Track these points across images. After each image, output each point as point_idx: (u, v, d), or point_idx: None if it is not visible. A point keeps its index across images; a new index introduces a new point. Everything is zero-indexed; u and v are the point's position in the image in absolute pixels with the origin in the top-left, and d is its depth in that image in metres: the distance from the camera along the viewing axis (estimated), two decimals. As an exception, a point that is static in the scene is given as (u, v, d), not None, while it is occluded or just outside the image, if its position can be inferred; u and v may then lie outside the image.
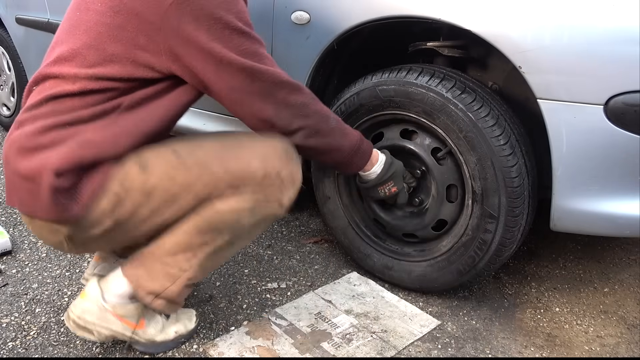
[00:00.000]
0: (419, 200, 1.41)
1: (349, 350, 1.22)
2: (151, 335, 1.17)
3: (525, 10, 1.10)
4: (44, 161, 0.94)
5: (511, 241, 1.26)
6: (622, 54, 1.03)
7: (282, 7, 1.45)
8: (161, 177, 0.98)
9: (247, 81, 1.01)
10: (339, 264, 1.62)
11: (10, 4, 2.59)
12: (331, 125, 1.15)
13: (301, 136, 1.10)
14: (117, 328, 1.12)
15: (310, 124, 1.10)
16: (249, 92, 1.02)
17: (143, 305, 1.14)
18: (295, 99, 1.07)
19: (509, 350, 1.26)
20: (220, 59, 0.98)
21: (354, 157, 1.22)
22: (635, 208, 1.13)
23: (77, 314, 1.11)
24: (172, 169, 0.99)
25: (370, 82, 1.37)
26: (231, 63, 0.99)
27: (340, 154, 1.19)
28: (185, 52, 0.98)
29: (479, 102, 1.22)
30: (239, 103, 1.04)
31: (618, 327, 1.36)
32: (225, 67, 0.99)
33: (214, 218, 1.02)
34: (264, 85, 1.03)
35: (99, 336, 1.12)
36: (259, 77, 1.02)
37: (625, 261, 1.70)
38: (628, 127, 1.06)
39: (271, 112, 1.05)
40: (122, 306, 1.12)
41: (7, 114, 2.92)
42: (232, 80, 1.01)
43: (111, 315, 1.12)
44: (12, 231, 1.76)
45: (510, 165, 1.20)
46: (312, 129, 1.11)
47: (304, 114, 1.09)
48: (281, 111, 1.06)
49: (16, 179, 0.98)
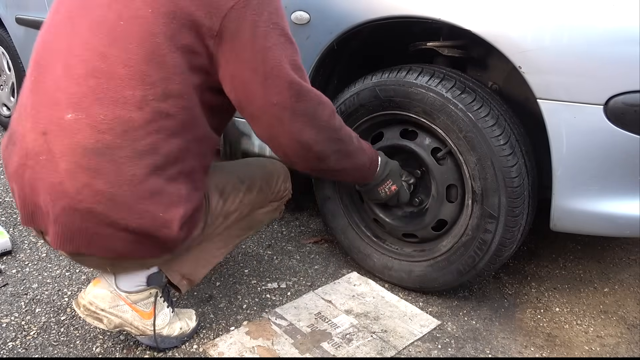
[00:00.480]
0: (419, 200, 1.41)
1: (349, 350, 1.22)
2: (159, 327, 1.17)
3: (525, 10, 1.10)
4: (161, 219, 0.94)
5: (511, 241, 1.26)
6: (622, 54, 1.03)
7: (282, 7, 1.45)
8: (234, 201, 1.19)
9: (293, 99, 0.97)
10: (339, 264, 1.62)
11: (10, 4, 2.59)
12: (356, 146, 1.16)
13: (334, 160, 1.10)
14: (128, 317, 1.13)
15: (342, 147, 1.10)
16: (292, 110, 0.98)
17: (155, 292, 1.16)
18: (334, 122, 1.06)
19: (509, 350, 1.26)
20: (272, 67, 0.94)
21: (370, 169, 1.24)
22: (635, 208, 1.13)
23: (88, 300, 1.12)
24: (241, 193, 1.21)
25: (370, 82, 1.37)
26: (280, 75, 0.95)
27: (361, 171, 1.22)
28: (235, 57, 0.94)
29: (478, 102, 1.22)
30: (279, 120, 0.99)
31: (618, 327, 1.36)
32: (275, 80, 0.95)
33: (253, 220, 1.29)
34: (309, 106, 1.00)
35: (108, 324, 1.12)
36: (305, 96, 0.99)
37: (625, 261, 1.70)
38: (628, 127, 1.06)
39: (312, 135, 1.02)
40: (136, 293, 1.13)
41: (7, 114, 2.92)
42: (278, 95, 0.96)
43: (123, 302, 1.13)
44: (12, 231, 1.76)
45: (510, 165, 1.20)
46: (344, 152, 1.11)
47: (339, 137, 1.09)
48: (321, 135, 1.04)
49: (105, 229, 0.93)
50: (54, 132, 0.92)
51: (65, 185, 0.91)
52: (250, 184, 1.23)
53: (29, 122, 0.95)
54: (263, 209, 1.30)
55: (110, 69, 0.90)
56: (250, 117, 1.02)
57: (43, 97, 0.95)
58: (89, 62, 0.91)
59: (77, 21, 0.96)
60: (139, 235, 0.95)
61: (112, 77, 0.90)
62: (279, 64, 0.95)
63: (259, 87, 0.96)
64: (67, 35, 0.96)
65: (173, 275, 1.18)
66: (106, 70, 0.90)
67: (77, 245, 0.96)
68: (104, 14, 0.93)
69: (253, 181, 1.24)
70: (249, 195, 1.23)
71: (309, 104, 1.00)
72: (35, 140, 0.94)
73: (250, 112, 1.01)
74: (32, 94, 0.97)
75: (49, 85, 0.95)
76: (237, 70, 0.95)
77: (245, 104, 1.00)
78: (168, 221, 0.96)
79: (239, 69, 0.95)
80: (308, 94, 1.00)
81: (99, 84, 0.90)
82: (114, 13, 0.92)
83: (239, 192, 1.20)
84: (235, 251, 1.67)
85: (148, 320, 1.16)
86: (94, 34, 0.93)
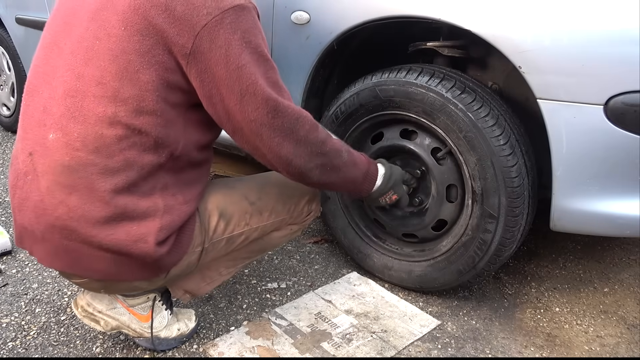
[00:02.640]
0: (419, 200, 1.41)
1: (349, 350, 1.22)
2: (156, 329, 1.18)
3: (525, 10, 1.10)
4: (135, 232, 0.92)
5: (511, 241, 1.26)
6: (622, 54, 1.03)
7: (282, 7, 1.45)
8: (239, 224, 1.13)
9: (270, 115, 0.97)
10: (339, 264, 1.62)
11: (10, 4, 2.59)
12: (344, 160, 1.13)
13: (318, 174, 1.08)
14: (125, 319, 1.14)
15: (326, 161, 1.08)
16: (270, 126, 0.98)
17: (153, 296, 1.16)
18: (315, 136, 1.05)
19: (509, 350, 1.26)
20: (247, 85, 0.95)
21: (363, 183, 1.21)
22: (635, 208, 1.13)
23: (86, 301, 1.12)
24: (248, 215, 1.14)
25: (370, 82, 1.37)
26: (256, 93, 0.95)
27: (353, 184, 1.19)
28: (211, 76, 0.94)
29: (478, 102, 1.22)
30: (258, 136, 0.99)
31: (618, 327, 1.36)
32: (251, 97, 0.95)
33: (266, 243, 1.24)
34: (285, 122, 1.00)
35: (105, 326, 1.13)
36: (282, 112, 0.99)
37: (625, 261, 1.70)
38: (628, 127, 1.06)
39: (290, 150, 1.02)
40: (133, 297, 1.13)
41: (7, 114, 2.92)
42: (255, 112, 0.97)
43: (120, 305, 1.13)
44: (12, 231, 1.76)
45: (510, 165, 1.20)
46: (328, 166, 1.09)
47: (322, 151, 1.07)
48: (300, 149, 1.03)
49: (94, 249, 0.93)
50: (39, 152, 0.94)
51: (45, 203, 0.92)
52: (261, 206, 1.16)
53: (20, 143, 0.98)
54: (279, 232, 1.24)
55: (85, 88, 0.92)
56: (232, 132, 1.02)
57: (32, 119, 0.97)
58: (68, 83, 0.93)
59: (62, 43, 0.98)
60: (115, 253, 0.93)
61: (85, 95, 0.92)
62: (255, 81, 0.95)
63: (235, 105, 0.96)
64: (54, 58, 0.98)
65: (176, 291, 1.18)
66: (81, 89, 0.92)
67: (62, 264, 0.97)
68: (82, 34, 0.95)
69: (265, 203, 1.17)
70: (258, 218, 1.16)
71: (286, 119, 0.99)
72: (24, 161, 0.96)
73: (229, 127, 1.01)
74: (24, 117, 1.00)
75: (37, 108, 0.97)
76: (213, 89, 0.95)
77: (224, 121, 1.00)
78: (144, 234, 0.93)
79: (215, 88, 0.95)
80: (285, 110, 0.99)
81: (74, 103, 0.92)
82: (91, 33, 0.94)
83: (245, 215, 1.13)
84: (235, 251, 1.67)
85: (145, 323, 1.16)
86: (74, 54, 0.94)
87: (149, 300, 1.16)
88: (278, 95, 0.98)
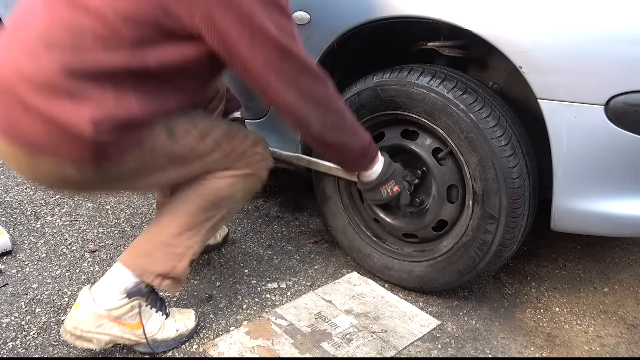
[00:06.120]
0: (420, 200, 1.41)
1: (349, 350, 1.22)
2: (151, 333, 1.17)
3: (525, 10, 1.10)
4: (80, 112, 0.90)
5: (511, 242, 1.26)
6: (623, 54, 1.03)
7: (282, 7, 1.45)
8: (184, 145, 1.08)
9: (278, 59, 0.99)
10: (339, 264, 1.62)
11: (10, 4, 2.58)
12: (346, 123, 1.15)
13: (317, 128, 1.09)
14: (116, 332, 1.13)
15: (327, 118, 1.10)
16: (277, 70, 1.00)
17: (137, 303, 1.14)
18: (319, 90, 1.07)
19: (509, 350, 1.26)
20: (257, 28, 0.96)
21: (360, 157, 1.23)
22: (635, 208, 1.13)
23: (72, 325, 1.11)
24: (193, 140, 1.10)
25: (371, 82, 1.37)
26: (267, 36, 0.97)
27: (350, 152, 1.20)
28: (222, 15, 0.94)
29: (480, 102, 1.22)
30: (266, 78, 1.01)
31: (618, 327, 1.37)
32: (261, 40, 0.97)
33: (215, 196, 1.16)
34: (292, 68, 1.01)
35: (99, 344, 1.12)
36: (290, 58, 1.01)
37: (625, 261, 1.70)
38: (628, 127, 1.06)
39: (292, 98, 1.04)
40: (117, 308, 1.13)
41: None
42: (265, 55, 0.98)
43: (107, 320, 1.12)
44: (12, 231, 1.76)
45: (511, 166, 1.20)
46: (329, 123, 1.10)
47: (324, 106, 1.08)
48: (301, 99, 1.05)
49: (31, 116, 0.92)
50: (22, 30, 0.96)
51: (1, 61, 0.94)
52: (205, 130, 1.12)
53: None
54: (223, 178, 1.16)
55: None
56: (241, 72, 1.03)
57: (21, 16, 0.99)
58: None
59: None
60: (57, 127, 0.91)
61: None
62: (265, 25, 0.96)
63: (246, 47, 0.97)
64: None
65: (150, 278, 1.14)
66: None
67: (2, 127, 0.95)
68: None
69: (209, 129, 1.13)
70: (201, 143, 1.11)
71: (293, 66, 1.01)
72: None
73: (239, 68, 1.02)
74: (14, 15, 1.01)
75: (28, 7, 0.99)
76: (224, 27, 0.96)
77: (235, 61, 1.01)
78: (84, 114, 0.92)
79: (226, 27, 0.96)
80: (293, 57, 1.01)
81: None
82: None
83: (188, 136, 1.09)
84: (235, 251, 1.67)
85: (138, 330, 1.15)
86: None
87: (135, 308, 1.14)
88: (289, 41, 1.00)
